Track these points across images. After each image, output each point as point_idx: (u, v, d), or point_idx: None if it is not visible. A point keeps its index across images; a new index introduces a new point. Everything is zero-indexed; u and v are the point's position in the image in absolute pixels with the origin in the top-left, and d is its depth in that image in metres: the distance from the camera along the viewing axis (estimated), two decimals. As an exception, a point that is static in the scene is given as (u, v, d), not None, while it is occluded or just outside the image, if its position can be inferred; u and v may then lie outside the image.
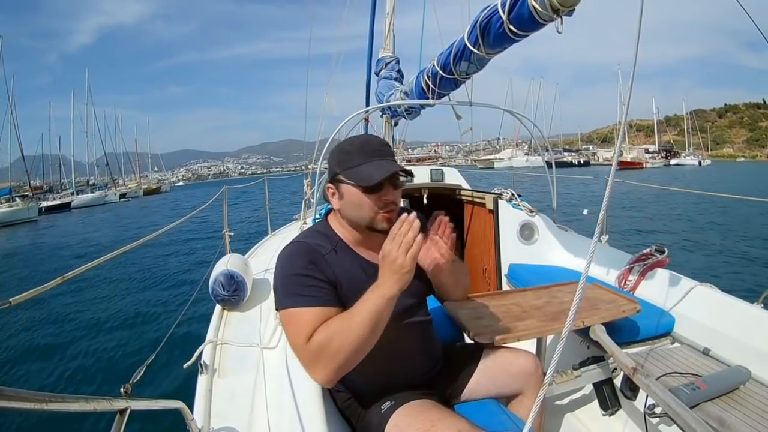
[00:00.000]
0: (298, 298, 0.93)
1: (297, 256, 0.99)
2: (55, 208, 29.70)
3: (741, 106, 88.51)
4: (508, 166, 34.70)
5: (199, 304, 3.73)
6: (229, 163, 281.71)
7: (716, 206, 12.03)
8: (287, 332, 0.97)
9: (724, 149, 58.25)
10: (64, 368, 3.97)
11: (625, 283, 1.88)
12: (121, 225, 18.43)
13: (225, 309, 1.71)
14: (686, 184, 22.40)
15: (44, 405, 0.50)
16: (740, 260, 6.63)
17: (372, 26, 5.18)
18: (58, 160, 43.65)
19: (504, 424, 1.08)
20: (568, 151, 58.77)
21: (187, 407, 0.90)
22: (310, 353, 0.90)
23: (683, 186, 4.42)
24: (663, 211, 12.19)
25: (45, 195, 33.31)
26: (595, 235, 0.87)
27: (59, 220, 23.79)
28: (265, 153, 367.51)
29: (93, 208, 30.62)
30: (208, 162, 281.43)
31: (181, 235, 10.93)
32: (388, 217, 1.01)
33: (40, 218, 24.60)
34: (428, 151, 66.18)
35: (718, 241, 7.99)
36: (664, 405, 1.09)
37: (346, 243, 1.07)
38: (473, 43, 1.95)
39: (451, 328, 1.42)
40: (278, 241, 2.84)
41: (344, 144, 1.07)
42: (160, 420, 2.57)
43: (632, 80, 0.94)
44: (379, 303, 0.89)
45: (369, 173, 0.97)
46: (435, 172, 3.34)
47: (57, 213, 28.26)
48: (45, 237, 16.30)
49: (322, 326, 0.91)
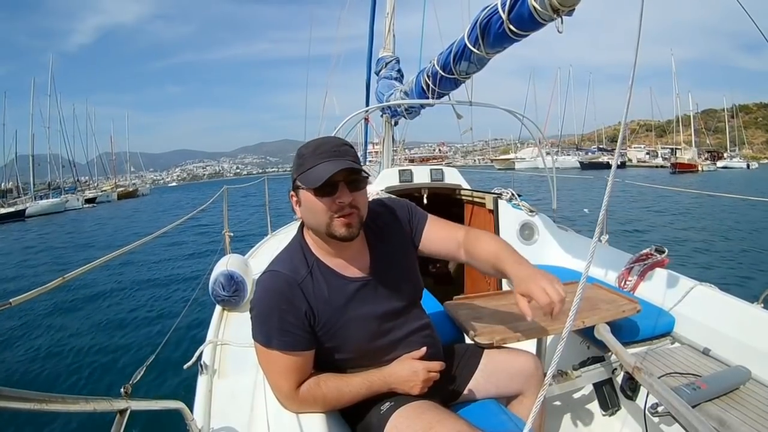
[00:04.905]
0: (271, 339, 0.94)
1: (272, 292, 0.96)
2: (6, 218, 24.33)
3: (752, 106, 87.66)
4: (532, 167, 28.72)
5: (199, 305, 3.73)
6: (225, 163, 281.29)
7: (716, 206, 12.03)
8: (264, 369, 1.01)
9: (743, 151, 56.27)
10: (64, 368, 3.97)
11: (625, 283, 1.88)
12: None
13: (225, 309, 1.71)
14: (760, 192, 17.16)
15: (44, 405, 0.50)
16: (740, 260, 6.63)
17: (372, 26, 5.20)
18: (27, 160, 36.94)
19: (504, 424, 1.08)
20: (604, 150, 49.97)
21: (187, 407, 0.90)
22: (295, 404, 0.97)
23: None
24: (664, 211, 12.19)
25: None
26: (595, 235, 0.87)
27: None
28: (262, 153, 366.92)
29: (51, 217, 25.07)
30: (203, 162, 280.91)
31: (181, 235, 10.92)
32: (346, 222, 0.95)
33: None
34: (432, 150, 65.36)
35: (718, 241, 7.99)
36: (666, 404, 1.09)
37: (322, 260, 1.02)
38: (473, 43, 1.95)
39: (451, 329, 1.41)
40: (278, 241, 2.83)
41: (302, 147, 1.01)
42: (160, 420, 2.57)
43: (632, 80, 0.94)
44: (377, 390, 1.01)
45: (318, 174, 0.92)
46: (435, 171, 3.34)
47: (9, 223, 22.70)
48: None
49: (313, 384, 0.98)
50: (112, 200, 39.36)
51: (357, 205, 0.97)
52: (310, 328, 0.97)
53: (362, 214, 1.00)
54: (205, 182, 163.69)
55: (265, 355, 0.97)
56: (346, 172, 0.94)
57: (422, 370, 1.02)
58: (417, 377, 1.01)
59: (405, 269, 1.13)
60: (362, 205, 0.99)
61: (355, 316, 1.01)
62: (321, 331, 0.99)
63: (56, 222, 21.89)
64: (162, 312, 5.41)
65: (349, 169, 0.94)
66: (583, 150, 52.22)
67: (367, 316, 1.02)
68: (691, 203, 12.96)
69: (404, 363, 1.04)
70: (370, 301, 1.04)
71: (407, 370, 1.02)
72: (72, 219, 23.11)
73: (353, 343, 1.02)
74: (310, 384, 0.98)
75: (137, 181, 64.91)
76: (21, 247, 13.13)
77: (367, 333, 1.03)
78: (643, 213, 11.82)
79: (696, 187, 11.84)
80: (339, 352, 1.02)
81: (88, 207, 32.31)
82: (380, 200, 1.23)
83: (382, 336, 1.05)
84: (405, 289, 1.10)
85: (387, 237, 1.13)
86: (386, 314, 1.05)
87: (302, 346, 0.96)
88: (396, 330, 1.07)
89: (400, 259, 1.13)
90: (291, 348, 0.95)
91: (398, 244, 1.14)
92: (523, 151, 49.31)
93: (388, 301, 1.06)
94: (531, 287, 0.95)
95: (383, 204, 1.20)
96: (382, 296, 1.06)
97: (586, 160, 43.26)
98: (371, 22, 5.17)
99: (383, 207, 1.18)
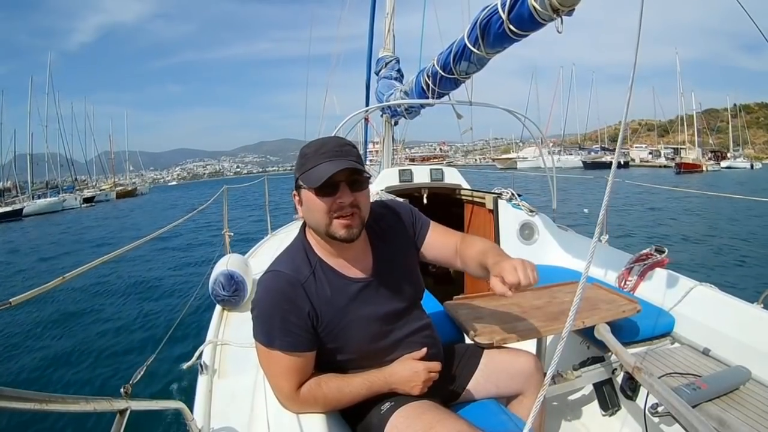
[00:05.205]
0: (273, 339, 0.94)
1: (274, 292, 0.96)
2: (4, 217, 24.41)
3: (753, 105, 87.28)
4: (535, 166, 27.96)
5: (199, 305, 3.73)
6: (225, 162, 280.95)
7: (716, 206, 12.03)
8: (265, 370, 1.00)
9: (745, 150, 55.73)
10: (64, 368, 3.97)
11: (625, 283, 1.88)
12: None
13: (225, 309, 1.71)
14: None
15: (44, 405, 0.50)
16: (740, 260, 6.63)
17: (372, 26, 5.19)
18: (26, 160, 36.35)
19: (504, 424, 1.08)
20: (607, 150, 48.07)
21: (187, 407, 0.90)
22: (295, 404, 0.97)
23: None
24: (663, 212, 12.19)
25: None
26: (595, 235, 0.87)
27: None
28: (262, 152, 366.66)
29: (49, 216, 25.07)
30: (204, 161, 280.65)
31: (181, 235, 10.92)
32: (346, 223, 0.95)
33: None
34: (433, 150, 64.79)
35: (718, 241, 7.99)
36: (666, 404, 1.09)
37: (325, 261, 1.02)
38: (473, 43, 1.95)
39: (451, 329, 1.41)
40: (278, 241, 2.84)
41: (305, 147, 1.01)
42: (160, 420, 2.58)
43: (632, 80, 0.94)
44: (378, 390, 1.01)
45: (319, 174, 0.92)
46: (435, 171, 3.34)
47: (7, 222, 22.92)
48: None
49: (314, 384, 0.97)
50: (110, 199, 39.00)
51: (358, 205, 0.97)
52: (313, 329, 0.97)
53: (363, 215, 0.99)
54: (205, 181, 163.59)
55: (266, 356, 0.97)
56: (347, 172, 0.94)
57: (423, 371, 1.02)
58: (418, 377, 1.01)
59: (407, 270, 1.13)
60: (363, 205, 0.99)
61: (356, 317, 1.01)
62: (323, 331, 0.99)
63: (53, 221, 21.96)
64: (162, 312, 5.41)
65: (351, 169, 0.94)
66: (586, 149, 51.60)
67: (369, 317, 1.02)
68: (692, 203, 12.97)
69: (405, 363, 1.04)
70: (372, 301, 1.04)
71: (408, 371, 1.02)
72: (68, 218, 23.01)
73: (355, 344, 1.02)
74: (311, 384, 0.98)
75: (137, 180, 64.53)
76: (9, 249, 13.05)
77: (368, 334, 1.03)
78: (643, 213, 11.82)
79: (704, 188, 11.72)
80: (340, 353, 1.02)
81: (86, 206, 32.00)
82: (384, 202, 1.24)
83: (384, 337, 1.05)
84: (407, 290, 1.11)
85: (390, 238, 1.13)
86: (388, 315, 1.05)
87: (304, 347, 0.96)
88: (397, 331, 1.07)
89: (402, 260, 1.13)
90: (293, 348, 0.95)
91: (400, 246, 1.14)
92: (526, 150, 48.83)
93: (390, 302, 1.06)
94: (503, 265, 0.95)
95: (387, 206, 1.20)
96: (384, 297, 1.06)
97: (590, 159, 42.92)
98: (371, 21, 5.16)
99: (387, 209, 1.19)
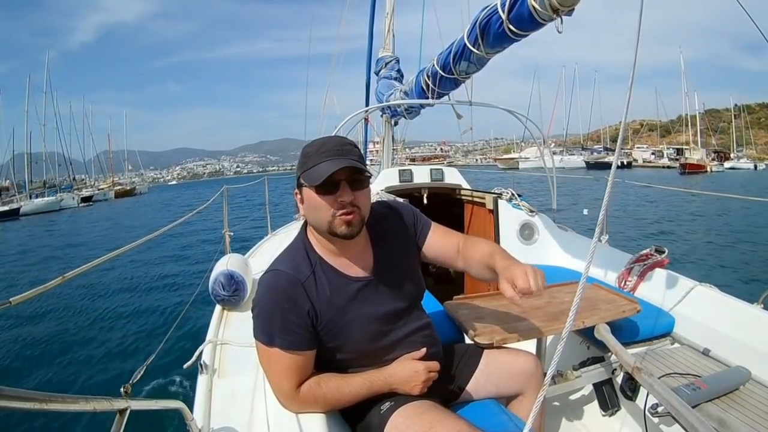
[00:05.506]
0: (274, 338, 0.94)
1: (274, 291, 0.96)
2: (1, 216, 24.55)
3: (754, 106, 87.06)
4: (537, 166, 30.00)
5: (199, 304, 3.73)
6: (225, 161, 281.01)
7: (716, 206, 12.03)
8: (265, 369, 1.01)
9: (747, 151, 55.32)
10: (64, 368, 3.97)
11: (625, 283, 1.88)
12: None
13: (225, 309, 1.71)
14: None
15: (44, 405, 0.50)
16: (740, 260, 6.63)
17: (372, 26, 5.19)
18: (24, 159, 36.72)
19: (504, 424, 1.08)
20: (609, 150, 46.99)
21: (186, 407, 0.90)
22: (295, 404, 0.97)
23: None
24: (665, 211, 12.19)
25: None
26: (595, 235, 0.87)
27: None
28: (262, 152, 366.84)
29: (46, 216, 25.08)
30: (204, 160, 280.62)
31: (181, 235, 10.92)
32: (347, 220, 0.95)
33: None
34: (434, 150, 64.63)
35: (718, 241, 7.99)
36: (666, 404, 1.09)
37: (325, 260, 1.03)
38: (473, 43, 1.95)
39: (451, 329, 1.41)
40: (278, 240, 2.83)
41: (306, 146, 1.02)
42: (160, 420, 2.57)
43: (632, 80, 0.94)
44: (378, 390, 1.01)
45: (320, 172, 0.93)
46: (435, 171, 3.34)
47: (5, 221, 23.06)
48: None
49: (314, 383, 0.97)
50: (109, 199, 38.98)
51: (358, 204, 0.97)
52: (313, 328, 0.97)
53: (364, 213, 1.00)
54: (204, 181, 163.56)
55: (266, 354, 0.97)
56: (348, 171, 0.95)
57: (423, 371, 1.02)
58: (418, 377, 1.01)
59: (407, 270, 1.13)
60: (364, 204, 0.99)
61: (356, 316, 1.01)
62: (323, 330, 0.99)
63: (50, 220, 22.07)
64: (162, 311, 5.41)
65: (352, 168, 0.95)
66: (589, 149, 51.40)
67: (369, 317, 1.02)
68: (692, 203, 12.96)
69: (405, 363, 1.04)
70: (372, 301, 1.04)
71: (408, 370, 1.02)
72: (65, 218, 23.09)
73: (354, 344, 1.02)
74: (311, 384, 0.98)
75: (136, 180, 64.46)
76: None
77: (368, 333, 1.03)
78: (645, 213, 11.82)
79: (711, 189, 11.68)
80: (340, 352, 1.02)
81: (83, 206, 32.06)
82: (386, 202, 1.24)
83: (384, 336, 1.05)
84: (407, 289, 1.11)
85: (391, 238, 1.13)
86: (388, 315, 1.05)
87: (304, 346, 0.96)
88: (397, 330, 1.07)
89: (403, 260, 1.13)
90: (293, 347, 0.95)
91: (401, 246, 1.14)
92: (527, 150, 48.36)
93: (390, 301, 1.06)
94: (514, 271, 0.96)
95: (388, 206, 1.20)
96: (384, 297, 1.06)
97: (592, 159, 42.60)
98: (371, 21, 5.16)
99: (388, 209, 1.19)
